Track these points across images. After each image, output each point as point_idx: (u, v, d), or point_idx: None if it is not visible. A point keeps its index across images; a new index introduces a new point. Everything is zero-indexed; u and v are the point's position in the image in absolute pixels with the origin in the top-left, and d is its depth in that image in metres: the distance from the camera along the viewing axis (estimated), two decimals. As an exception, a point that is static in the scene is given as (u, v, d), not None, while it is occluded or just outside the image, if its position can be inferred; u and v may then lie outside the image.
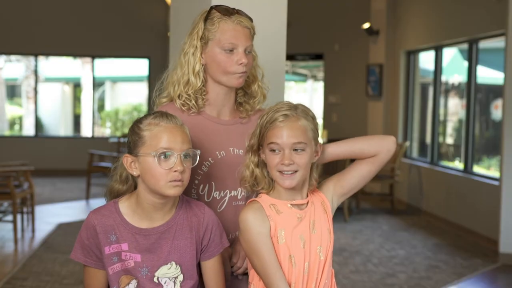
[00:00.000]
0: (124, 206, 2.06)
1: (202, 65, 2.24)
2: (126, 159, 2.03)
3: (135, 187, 2.08)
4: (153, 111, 2.12)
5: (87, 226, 2.04)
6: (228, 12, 2.22)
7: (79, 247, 2.06)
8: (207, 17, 2.23)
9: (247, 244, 2.03)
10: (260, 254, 2.01)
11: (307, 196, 2.12)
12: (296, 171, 2.02)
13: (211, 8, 2.24)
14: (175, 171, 1.95)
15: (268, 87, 2.39)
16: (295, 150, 2.02)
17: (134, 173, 2.02)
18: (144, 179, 2.00)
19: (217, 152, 2.25)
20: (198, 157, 2.02)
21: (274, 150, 2.02)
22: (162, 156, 1.96)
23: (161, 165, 1.96)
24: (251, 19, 2.26)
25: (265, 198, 2.08)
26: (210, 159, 2.24)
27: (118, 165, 2.10)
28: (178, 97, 2.24)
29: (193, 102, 2.23)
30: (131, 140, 2.02)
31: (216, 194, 2.26)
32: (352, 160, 2.22)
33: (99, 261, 2.05)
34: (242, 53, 2.20)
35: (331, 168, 8.81)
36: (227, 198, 2.27)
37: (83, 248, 2.05)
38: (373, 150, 2.15)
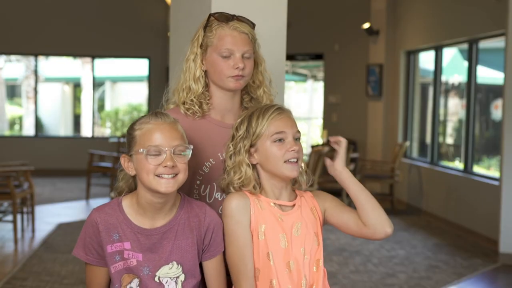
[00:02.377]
0: (127, 204, 2.08)
1: (203, 71, 2.30)
2: (123, 159, 2.08)
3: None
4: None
5: (90, 224, 2.06)
6: (226, 18, 2.27)
7: (81, 244, 2.08)
8: (206, 24, 2.29)
9: (226, 230, 2.08)
10: (236, 243, 2.05)
11: (295, 198, 2.14)
12: (297, 160, 2.07)
13: (210, 15, 2.29)
14: (165, 166, 1.98)
15: (276, 92, 2.42)
16: (296, 139, 2.08)
17: (131, 172, 2.06)
18: (138, 177, 2.04)
19: (219, 154, 2.27)
20: (190, 152, 2.04)
21: (279, 140, 2.06)
22: (153, 153, 1.99)
23: (151, 161, 1.99)
24: (252, 25, 2.30)
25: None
26: (211, 159, 2.27)
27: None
28: (183, 103, 2.30)
29: (197, 107, 2.28)
30: (127, 141, 2.09)
31: (217, 195, 2.28)
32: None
33: (101, 258, 2.07)
34: (239, 58, 2.24)
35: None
36: None
37: (85, 246, 2.07)
38: (368, 215, 2.06)
